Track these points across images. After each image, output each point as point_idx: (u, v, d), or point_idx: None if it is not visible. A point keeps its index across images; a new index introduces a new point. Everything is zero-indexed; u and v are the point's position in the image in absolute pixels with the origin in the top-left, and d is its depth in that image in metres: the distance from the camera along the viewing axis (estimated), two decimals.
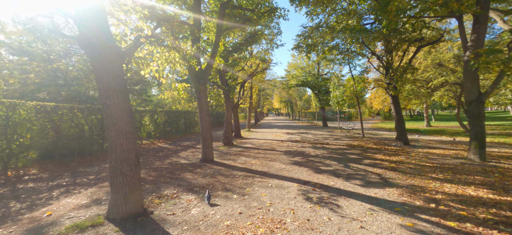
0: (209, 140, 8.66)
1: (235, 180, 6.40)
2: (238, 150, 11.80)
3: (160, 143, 15.49)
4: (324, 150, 11.25)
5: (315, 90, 29.51)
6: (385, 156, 9.47)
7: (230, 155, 10.38)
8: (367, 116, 69.41)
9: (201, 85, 8.27)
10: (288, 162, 8.57)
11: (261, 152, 11.02)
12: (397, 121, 12.87)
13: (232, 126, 13.86)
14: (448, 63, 16.16)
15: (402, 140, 12.65)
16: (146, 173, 7.30)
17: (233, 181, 6.31)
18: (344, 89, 19.08)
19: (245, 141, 15.73)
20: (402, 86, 13.33)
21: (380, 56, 12.95)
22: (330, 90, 23.61)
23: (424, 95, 19.86)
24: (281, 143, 14.24)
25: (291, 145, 13.01)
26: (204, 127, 8.55)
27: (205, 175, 6.94)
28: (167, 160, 9.45)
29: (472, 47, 8.18)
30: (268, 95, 57.43)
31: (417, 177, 6.34)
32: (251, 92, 23.98)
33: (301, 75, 29.39)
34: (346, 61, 18.06)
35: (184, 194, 5.31)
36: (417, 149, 10.97)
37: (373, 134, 18.95)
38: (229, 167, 7.86)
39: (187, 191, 5.48)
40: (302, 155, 10.00)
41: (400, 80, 11.86)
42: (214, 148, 12.69)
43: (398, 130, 12.90)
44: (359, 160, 8.69)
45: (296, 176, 6.69)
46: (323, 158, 9.26)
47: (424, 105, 26.47)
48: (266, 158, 9.49)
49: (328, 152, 10.53)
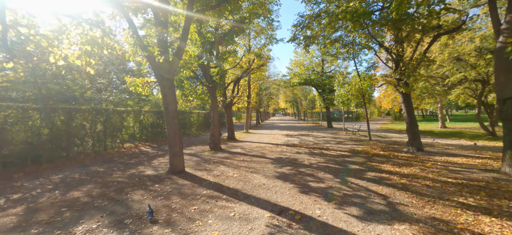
0: (177, 148, 7.15)
1: (192, 203, 4.85)
2: (222, 156, 10.26)
3: (144, 146, 14.14)
4: (321, 157, 9.57)
5: (319, 89, 27.66)
6: (394, 166, 7.73)
7: (209, 163, 8.85)
8: (376, 116, 66.76)
9: (166, 80, 6.76)
10: (273, 175, 6.96)
11: (247, 159, 9.44)
12: (409, 122, 11.05)
13: (219, 129, 12.33)
14: (468, 57, 14.14)
15: (414, 146, 10.82)
16: (89, 190, 5.83)
17: (188, 205, 4.76)
18: (349, 87, 17.27)
19: (236, 144, 14.18)
20: (415, 82, 11.50)
21: (388, 48, 11.15)
22: (335, 89, 21.80)
23: (439, 94, 17.79)
24: (275, 147, 12.62)
25: (285, 151, 11.37)
26: (171, 132, 7.04)
27: (159, 194, 5.42)
28: (132, 169, 8.00)
29: (508, 31, 6.39)
30: (273, 94, 55.75)
31: (438, 203, 4.63)
32: (249, 90, 22.41)
33: (304, 73, 27.61)
34: (350, 56, 16.28)
35: (103, 231, 3.79)
36: (434, 157, 9.15)
37: (381, 137, 17.06)
38: (196, 182, 6.33)
39: (112, 226, 3.95)
40: (293, 164, 8.36)
41: (413, 75, 10.04)
42: (198, 153, 11.21)
43: (410, 133, 11.07)
44: (361, 173, 6.99)
45: (274, 198, 5.09)
46: (317, 169, 7.60)
47: (439, 104, 24.26)
48: (249, 168, 7.90)
49: (325, 160, 8.85)
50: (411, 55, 10.36)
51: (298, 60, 28.55)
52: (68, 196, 5.29)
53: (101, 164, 8.95)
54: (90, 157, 10.49)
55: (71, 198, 5.17)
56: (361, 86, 15.85)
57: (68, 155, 9.96)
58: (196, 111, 26.12)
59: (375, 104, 63.30)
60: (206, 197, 5.20)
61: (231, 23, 10.63)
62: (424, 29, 9.34)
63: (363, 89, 15.72)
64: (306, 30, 12.83)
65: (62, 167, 8.46)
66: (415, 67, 9.82)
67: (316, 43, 13.72)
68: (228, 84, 17.16)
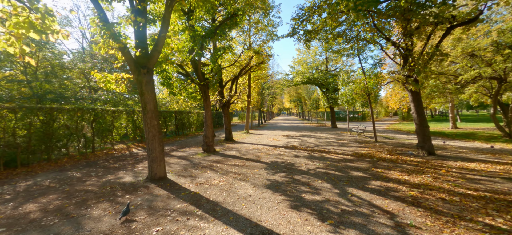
0: (156, 152, 6.38)
1: (157, 222, 4.06)
2: (213, 160, 9.48)
3: (137, 148, 13.46)
4: (321, 161, 8.68)
5: (323, 88, 26.66)
6: (402, 174, 6.80)
7: (197, 168, 8.07)
8: (383, 116, 65.21)
9: (143, 75, 6.00)
10: (263, 183, 6.13)
11: (239, 163, 8.63)
12: (419, 123, 10.06)
13: (213, 130, 11.54)
14: (483, 53, 13.02)
15: (425, 149, 9.84)
16: (48, 202, 5.05)
17: (152, 225, 3.97)
18: (354, 86, 16.28)
19: (233, 146, 13.39)
20: (425, 79, 10.49)
21: (396, 42, 10.17)
22: (339, 88, 20.83)
23: (451, 92, 16.64)
24: (273, 150, 11.78)
25: (282, 154, 10.51)
26: (150, 135, 6.27)
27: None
28: (110, 176, 7.26)
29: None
30: (277, 94, 54.83)
31: (459, 225, 3.73)
32: (249, 90, 21.58)
33: (307, 71, 26.64)
34: (355, 53, 15.30)
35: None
36: (447, 162, 8.17)
37: (388, 138, 16.03)
38: (174, 193, 5.54)
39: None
40: (288, 170, 7.51)
41: (423, 72, 9.06)
42: (189, 156, 10.45)
43: (419, 135, 10.09)
44: (364, 181, 6.10)
45: (257, 215, 4.26)
46: (315, 176, 6.73)
47: (450, 104, 23.00)
48: (239, 174, 7.09)
49: (324, 166, 7.97)
50: (422, 49, 9.37)
51: (301, 58, 27.59)
52: (19, 210, 4.56)
53: (81, 169, 8.25)
54: (74, 159, 9.83)
55: (20, 213, 4.44)
56: (366, 85, 14.87)
57: (50, 158, 9.31)
58: (196, 111, 25.47)
59: (381, 103, 61.79)
60: (178, 213, 4.40)
61: (223, 15, 9.80)
62: (436, 20, 8.36)
63: (369, 87, 14.74)
64: (306, 24, 11.93)
65: (38, 172, 7.79)
66: (426, 62, 8.83)
67: (317, 39, 12.84)
68: (226, 83, 16.38)
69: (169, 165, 8.66)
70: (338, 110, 60.07)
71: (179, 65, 9.63)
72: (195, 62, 10.11)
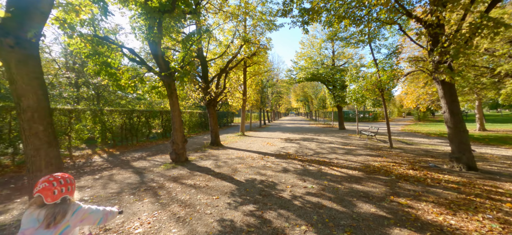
0: (44, 172, 4.03)
1: None
2: (174, 175, 7.11)
3: (105, 153, 11.30)
4: (315, 181, 6.15)
5: (329, 85, 23.93)
6: (440, 208, 4.23)
7: (138, 190, 5.70)
8: (396, 116, 61.46)
9: (8, 49, 3.65)
10: (210, 229, 3.70)
11: (201, 184, 6.21)
12: (453, 126, 7.37)
13: (183, 135, 9.19)
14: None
15: (463, 161, 7.15)
16: None
17: None
18: (364, 81, 13.58)
19: (215, 153, 11.02)
20: (465, 64, 7.76)
21: (422, 18, 7.51)
22: (347, 84, 18.12)
23: (485, 87, 13.68)
24: (260, 159, 9.31)
25: (269, 166, 8.03)
26: (31, 148, 3.88)
27: None
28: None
29: None
30: (282, 93, 52.21)
31: None
32: (244, 86, 19.15)
33: (312, 66, 23.95)
34: (365, 39, 12.62)
35: None
36: (503, 184, 5.50)
37: (405, 143, 13.28)
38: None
39: None
40: (263, 198, 5.04)
41: (463, 53, 6.37)
42: (149, 168, 8.13)
43: (454, 142, 7.39)
44: (380, 230, 3.57)
45: None
46: (299, 213, 4.23)
47: (476, 102, 19.82)
48: (185, 207, 4.68)
49: (319, 190, 5.44)
50: (460, 22, 6.70)
51: (305, 52, 24.92)
52: None
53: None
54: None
55: None
56: (379, 78, 12.17)
57: None
58: (189, 111, 23.26)
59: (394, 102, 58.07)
60: None
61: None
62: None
63: (382, 82, 12.01)
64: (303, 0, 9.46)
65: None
66: (467, 39, 6.13)
67: (318, 20, 10.30)
68: (212, 78, 14.03)
69: (110, 182, 6.37)
70: (348, 109, 56.84)
71: (130, 49, 7.30)
72: (154, 46, 7.77)
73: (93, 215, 1.87)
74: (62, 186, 1.75)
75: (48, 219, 1.62)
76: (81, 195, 5.35)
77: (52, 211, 1.66)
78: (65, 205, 1.74)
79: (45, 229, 1.61)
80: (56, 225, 1.65)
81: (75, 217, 1.76)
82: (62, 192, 1.74)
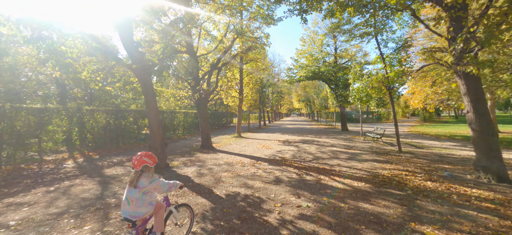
0: None
1: None
2: None
3: (82, 157, 10.19)
4: (312, 197, 4.95)
5: (331, 84, 22.67)
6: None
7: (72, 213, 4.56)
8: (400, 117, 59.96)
9: None
10: None
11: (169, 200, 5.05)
12: (479, 129, 6.15)
13: (163, 138, 8.04)
14: None
15: (491, 171, 5.92)
16: None
17: None
18: (369, 79, 12.32)
19: (203, 157, 9.86)
20: (499, 49, 6.48)
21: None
22: (350, 82, 16.87)
23: (506, 85, 12.37)
24: (251, 166, 8.12)
25: (259, 176, 6.83)
26: None
27: None
28: None
29: None
30: (284, 93, 50.95)
31: None
32: (241, 84, 17.97)
33: (313, 64, 22.69)
34: (371, 31, 11.39)
35: None
36: None
37: (415, 146, 12.04)
38: None
39: None
40: (248, 220, 3.88)
41: (495, 40, 5.14)
42: (119, 176, 6.97)
43: (480, 147, 6.17)
44: None
45: None
46: None
47: (489, 102, 18.44)
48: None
49: (315, 210, 4.25)
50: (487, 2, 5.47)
51: (306, 50, 23.66)
52: None
53: None
54: None
55: None
56: (386, 75, 10.92)
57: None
58: (184, 111, 22.10)
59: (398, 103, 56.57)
60: None
61: None
62: None
63: (390, 78, 10.75)
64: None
65: None
66: (503, 20, 4.90)
67: (318, 9, 9.14)
68: (203, 75, 12.87)
69: (62, 196, 5.22)
70: (350, 110, 55.45)
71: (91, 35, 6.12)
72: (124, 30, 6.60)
73: (162, 186, 2.75)
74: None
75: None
76: (11, 216, 4.20)
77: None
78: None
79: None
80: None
81: (152, 185, 2.62)
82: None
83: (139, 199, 2.56)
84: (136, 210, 2.55)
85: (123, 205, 2.56)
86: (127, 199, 2.54)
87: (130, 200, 2.53)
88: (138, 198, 2.55)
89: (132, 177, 2.58)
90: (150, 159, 2.64)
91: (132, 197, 2.54)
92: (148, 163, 2.62)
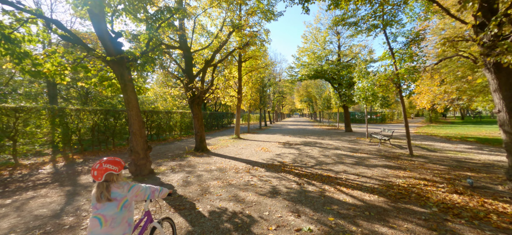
0: None
1: None
2: None
3: (65, 160, 9.35)
4: (318, 212, 4.02)
5: (335, 83, 21.69)
6: None
7: None
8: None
9: None
10: None
11: None
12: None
13: (146, 141, 7.14)
14: None
15: None
16: None
17: None
18: (377, 77, 11.35)
19: (194, 161, 8.96)
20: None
21: None
22: (355, 81, 15.91)
23: None
24: (245, 172, 7.19)
25: (253, 185, 5.90)
26: None
27: None
28: None
29: None
30: (286, 93, 50.01)
31: None
32: (239, 83, 17.05)
33: (315, 62, 21.71)
34: (378, 23, 10.45)
35: None
36: None
37: (426, 149, 11.06)
38: None
39: None
40: None
41: None
42: (85, 188, 6.07)
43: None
44: None
45: None
46: None
47: None
48: None
49: (320, 233, 3.34)
50: None
51: (308, 47, 22.69)
52: None
53: None
54: None
55: None
56: (395, 71, 9.95)
57: None
58: (180, 111, 21.20)
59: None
60: None
61: None
62: None
63: (400, 75, 9.78)
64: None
65: None
66: None
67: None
68: (197, 73, 11.96)
69: (13, 213, 4.34)
70: (354, 110, 54.33)
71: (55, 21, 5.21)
72: (98, 20, 5.70)
73: (144, 191, 2.22)
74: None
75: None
76: None
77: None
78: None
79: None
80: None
81: (131, 193, 2.09)
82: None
83: (117, 217, 1.95)
84: (109, 232, 1.90)
85: (91, 226, 1.89)
86: (99, 219, 1.90)
87: (103, 220, 1.90)
88: (115, 216, 1.94)
89: (98, 191, 1.94)
90: (114, 165, 2.04)
91: (107, 215, 1.92)
92: (113, 170, 2.01)
